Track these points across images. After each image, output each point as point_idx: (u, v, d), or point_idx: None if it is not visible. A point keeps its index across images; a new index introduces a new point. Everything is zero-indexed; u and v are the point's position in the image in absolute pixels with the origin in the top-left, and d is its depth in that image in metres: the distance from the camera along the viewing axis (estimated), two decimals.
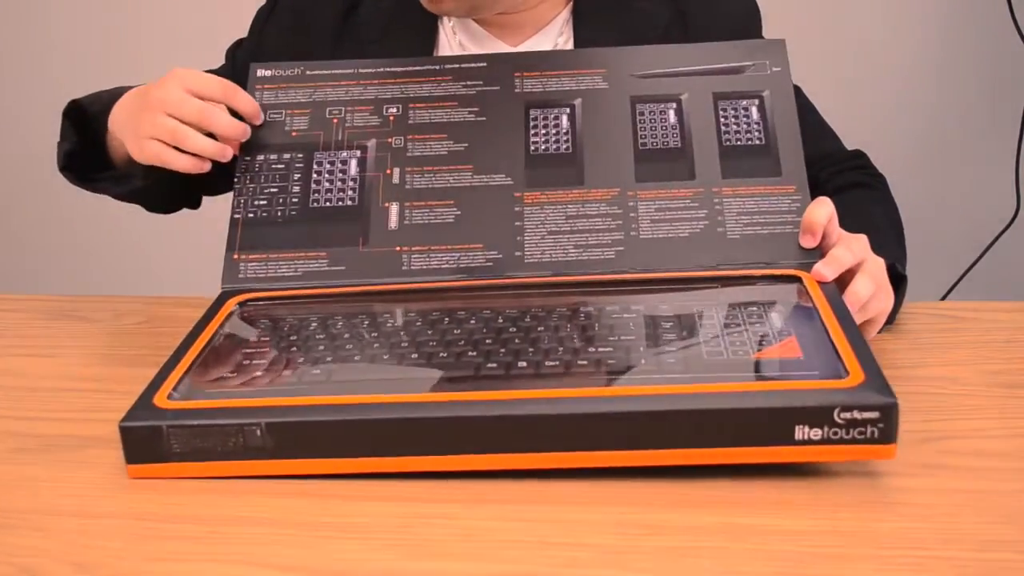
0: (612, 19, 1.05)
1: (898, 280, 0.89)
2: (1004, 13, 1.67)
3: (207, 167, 0.90)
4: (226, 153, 0.90)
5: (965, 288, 1.75)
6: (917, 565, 0.56)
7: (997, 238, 1.74)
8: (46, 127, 2.12)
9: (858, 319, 0.79)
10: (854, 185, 1.04)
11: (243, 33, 1.14)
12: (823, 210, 0.82)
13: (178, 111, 0.88)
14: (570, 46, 1.06)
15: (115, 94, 0.99)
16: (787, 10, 1.27)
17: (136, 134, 0.91)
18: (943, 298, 1.74)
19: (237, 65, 1.09)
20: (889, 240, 0.95)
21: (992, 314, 0.95)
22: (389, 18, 1.06)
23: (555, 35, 1.07)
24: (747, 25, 1.10)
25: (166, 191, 1.06)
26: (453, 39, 1.07)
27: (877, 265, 0.83)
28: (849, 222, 0.95)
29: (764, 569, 0.57)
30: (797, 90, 1.09)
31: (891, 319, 0.87)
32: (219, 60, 1.14)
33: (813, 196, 0.88)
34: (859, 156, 1.10)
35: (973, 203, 1.87)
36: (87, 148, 1.02)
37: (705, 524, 0.61)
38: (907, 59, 1.86)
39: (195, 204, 1.15)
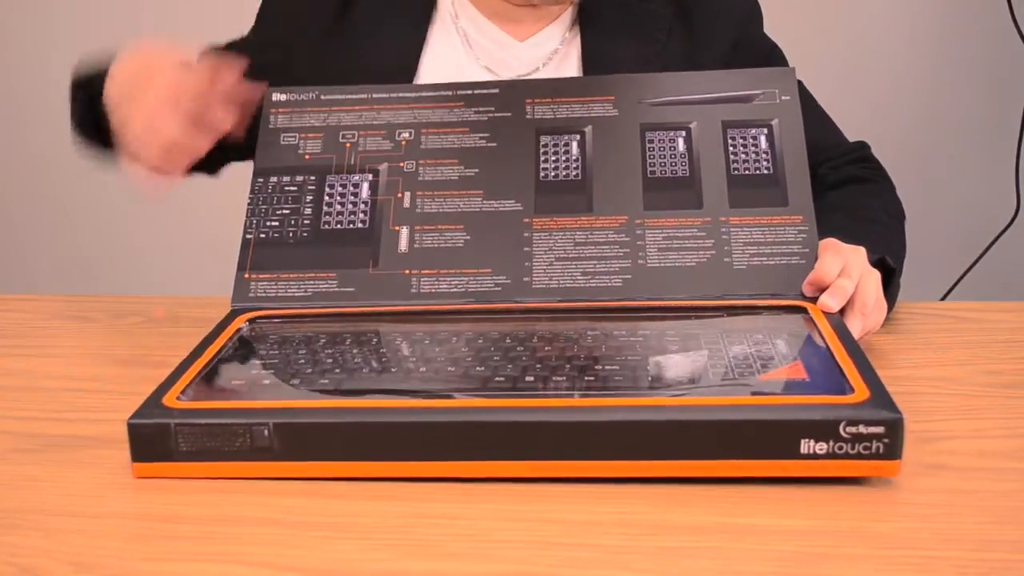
0: (617, 15, 1.05)
1: (892, 272, 0.89)
2: (1004, 13, 1.67)
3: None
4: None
5: (965, 288, 1.75)
6: (917, 565, 0.56)
7: (997, 238, 1.74)
8: (46, 127, 2.12)
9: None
10: (851, 180, 1.04)
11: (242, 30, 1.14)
12: (834, 268, 0.82)
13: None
14: (577, 42, 1.06)
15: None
16: (787, 10, 1.27)
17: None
18: (943, 298, 1.74)
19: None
20: (885, 234, 0.95)
21: (992, 314, 0.95)
22: (386, 7, 1.06)
23: (563, 30, 1.06)
24: (748, 20, 1.10)
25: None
26: (456, 28, 1.06)
27: (872, 280, 0.83)
28: (846, 217, 0.95)
29: (763, 569, 0.57)
30: (799, 84, 1.09)
31: (888, 311, 0.87)
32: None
33: (813, 190, 0.88)
34: (860, 148, 1.09)
35: (973, 203, 1.87)
36: None
37: (705, 524, 0.61)
38: (907, 59, 1.86)
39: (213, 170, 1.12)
